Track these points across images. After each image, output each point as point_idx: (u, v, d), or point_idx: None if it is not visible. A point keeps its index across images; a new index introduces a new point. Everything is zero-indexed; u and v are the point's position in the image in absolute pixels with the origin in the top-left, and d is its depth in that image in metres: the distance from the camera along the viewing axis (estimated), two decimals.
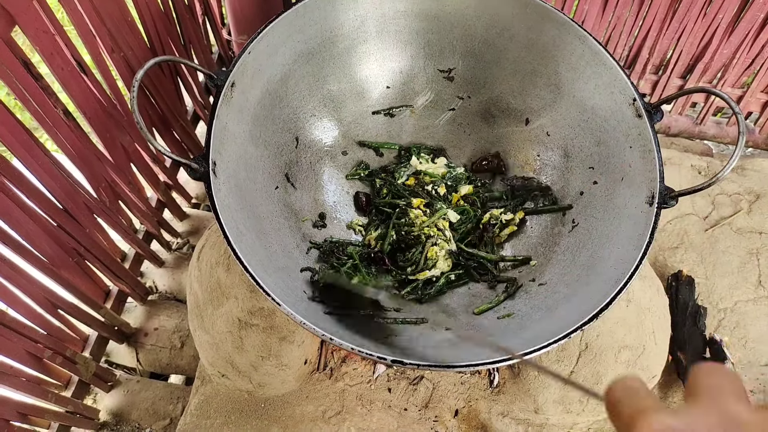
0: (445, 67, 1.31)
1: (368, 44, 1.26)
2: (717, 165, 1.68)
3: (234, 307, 1.14)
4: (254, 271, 0.90)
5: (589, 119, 1.17)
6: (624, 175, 1.09)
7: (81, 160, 1.22)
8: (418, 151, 1.33)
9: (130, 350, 1.51)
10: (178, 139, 1.60)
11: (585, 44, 1.13)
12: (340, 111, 1.29)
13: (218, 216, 0.92)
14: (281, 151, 1.20)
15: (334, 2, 1.16)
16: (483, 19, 1.21)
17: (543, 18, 1.15)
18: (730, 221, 1.54)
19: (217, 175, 0.97)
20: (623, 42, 1.74)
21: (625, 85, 1.08)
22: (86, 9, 1.13)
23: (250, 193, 1.08)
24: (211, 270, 1.17)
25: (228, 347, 1.18)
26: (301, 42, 1.17)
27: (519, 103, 1.28)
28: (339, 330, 0.96)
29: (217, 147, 0.99)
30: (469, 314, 1.12)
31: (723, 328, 1.41)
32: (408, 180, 1.31)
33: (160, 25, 1.39)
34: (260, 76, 1.11)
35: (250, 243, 0.99)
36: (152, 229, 1.56)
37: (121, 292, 1.48)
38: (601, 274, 1.00)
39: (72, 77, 1.14)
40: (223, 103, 1.02)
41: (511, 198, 1.29)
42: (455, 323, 1.08)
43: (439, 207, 1.26)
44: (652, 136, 1.04)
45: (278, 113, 1.18)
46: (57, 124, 1.13)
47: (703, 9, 1.60)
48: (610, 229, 1.07)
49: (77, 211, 1.23)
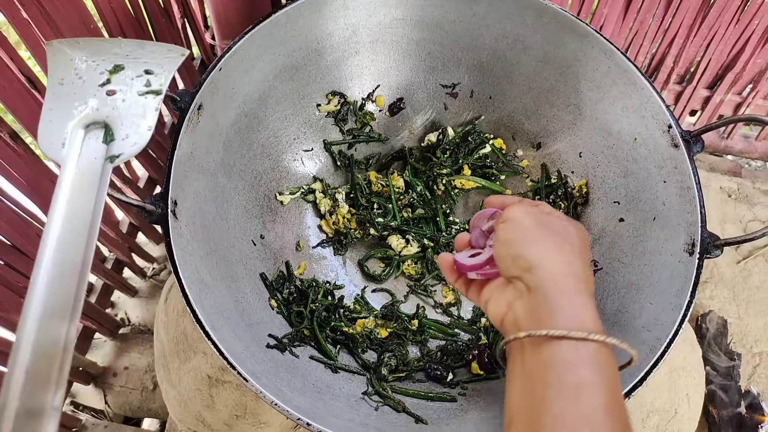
0: (448, 82, 1.15)
1: (360, 56, 1.10)
2: (748, 186, 1.53)
3: (203, 363, 0.99)
4: (221, 337, 0.75)
5: (614, 146, 1.02)
6: (656, 215, 0.93)
7: (32, 187, 1.07)
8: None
9: (98, 392, 1.37)
10: (153, 155, 1.45)
11: (612, 60, 0.97)
12: (328, 133, 1.14)
13: (176, 271, 0.77)
14: (259, 180, 1.04)
15: (321, 9, 1.00)
16: (492, 28, 1.06)
17: (562, 28, 1.00)
18: (765, 252, 1.38)
19: (178, 216, 0.82)
20: (645, 49, 1.58)
21: (659, 108, 0.93)
22: (34, 17, 0.97)
23: (220, 233, 0.93)
24: (177, 318, 1.02)
25: (197, 405, 1.03)
26: (282, 55, 1.01)
27: (533, 124, 1.13)
28: (319, 404, 0.81)
29: (179, 182, 0.84)
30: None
31: (758, 375, 1.26)
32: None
33: (130, 32, 1.24)
34: (234, 95, 0.96)
35: (218, 297, 0.84)
36: (123, 257, 1.41)
37: (86, 328, 1.33)
38: (632, 337, 0.85)
39: (18, 95, 0.98)
40: (187, 129, 0.86)
41: None
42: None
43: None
44: (692, 170, 0.88)
45: (255, 137, 1.03)
46: (0, 150, 0.98)
47: (736, 14, 1.43)
48: (640, 278, 0.92)
49: (29, 246, 1.08)
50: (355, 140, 1.15)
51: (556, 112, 1.08)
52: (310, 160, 1.12)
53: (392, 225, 1.11)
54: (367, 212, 1.10)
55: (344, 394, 0.88)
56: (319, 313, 0.98)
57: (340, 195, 1.11)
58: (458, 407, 0.90)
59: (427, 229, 1.14)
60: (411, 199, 1.13)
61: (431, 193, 1.15)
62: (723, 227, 1.42)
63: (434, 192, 1.14)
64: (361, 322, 1.02)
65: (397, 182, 1.13)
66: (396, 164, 1.19)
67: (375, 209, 1.11)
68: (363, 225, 1.11)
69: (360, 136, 1.16)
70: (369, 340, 1.01)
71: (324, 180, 1.13)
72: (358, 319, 1.03)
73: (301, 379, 0.85)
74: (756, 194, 1.51)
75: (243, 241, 0.98)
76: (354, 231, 1.10)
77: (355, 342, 1.00)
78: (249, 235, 1.00)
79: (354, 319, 1.03)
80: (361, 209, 1.11)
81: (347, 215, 1.10)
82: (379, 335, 1.02)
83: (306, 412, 0.72)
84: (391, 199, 1.11)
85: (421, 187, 1.14)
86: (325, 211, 1.10)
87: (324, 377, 0.90)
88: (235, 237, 0.97)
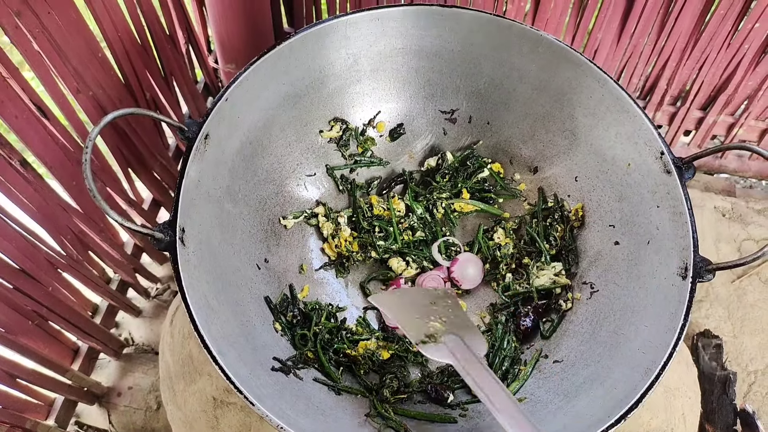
0: (447, 108, 1.18)
1: (362, 84, 1.13)
2: (742, 206, 1.56)
3: (208, 385, 1.01)
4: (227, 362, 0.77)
5: (609, 171, 1.04)
6: (650, 239, 0.96)
7: (41, 213, 1.09)
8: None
9: (102, 411, 1.39)
10: (158, 178, 1.48)
11: (605, 87, 1.00)
12: (330, 158, 1.16)
13: (185, 298, 0.79)
14: (263, 206, 1.07)
15: (323, 40, 1.03)
16: (490, 57, 1.09)
17: (556, 58, 1.03)
18: (759, 271, 1.41)
19: (185, 243, 0.85)
20: (639, 71, 1.62)
21: (651, 135, 0.96)
22: (45, 49, 1.01)
23: (225, 258, 0.95)
24: (183, 341, 1.04)
25: (202, 426, 1.05)
26: (286, 84, 1.04)
27: (530, 149, 1.15)
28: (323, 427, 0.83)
29: (187, 210, 0.87)
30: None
31: (754, 393, 1.28)
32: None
33: (136, 59, 1.27)
34: (239, 124, 0.99)
35: (224, 321, 0.86)
36: (128, 278, 1.43)
37: (91, 349, 1.35)
38: (628, 358, 0.87)
39: (29, 124, 1.01)
40: (195, 159, 0.89)
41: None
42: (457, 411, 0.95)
43: None
44: (684, 196, 0.91)
45: (260, 163, 1.06)
46: (10, 177, 1.00)
47: (728, 38, 1.47)
48: (635, 301, 0.94)
49: (37, 270, 1.10)
50: (356, 165, 1.18)
51: (552, 138, 1.11)
52: (313, 185, 1.15)
53: (393, 248, 1.13)
54: (368, 235, 1.12)
55: (347, 415, 0.90)
56: (323, 336, 1.00)
57: (342, 219, 1.14)
58: (459, 428, 0.92)
59: (426, 251, 1.16)
60: (411, 223, 1.15)
61: (431, 216, 1.17)
62: (717, 246, 1.45)
63: (434, 215, 1.17)
64: (363, 344, 1.04)
65: (398, 206, 1.16)
66: (397, 188, 1.21)
67: (376, 232, 1.14)
68: (365, 248, 1.13)
69: (361, 161, 1.18)
70: (371, 361, 1.03)
71: (326, 204, 1.15)
72: (360, 341, 1.05)
73: (305, 401, 0.87)
74: (750, 213, 1.54)
75: (248, 266, 1.01)
76: (356, 254, 1.12)
77: (358, 364, 1.02)
78: (254, 260, 1.02)
79: (356, 341, 1.05)
80: (362, 233, 1.13)
81: (349, 238, 1.13)
82: (380, 357, 1.04)
83: None
84: (392, 222, 1.14)
85: (422, 210, 1.16)
86: (327, 234, 1.13)
87: (327, 399, 0.92)
88: (240, 261, 0.99)
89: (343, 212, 1.15)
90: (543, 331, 1.04)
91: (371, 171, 1.21)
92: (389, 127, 1.19)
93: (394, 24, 1.06)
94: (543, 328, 1.05)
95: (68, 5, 1.04)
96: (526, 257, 1.12)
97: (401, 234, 1.14)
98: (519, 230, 1.17)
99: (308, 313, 1.03)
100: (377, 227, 1.13)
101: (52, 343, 1.22)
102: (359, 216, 1.14)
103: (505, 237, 1.14)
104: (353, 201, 1.16)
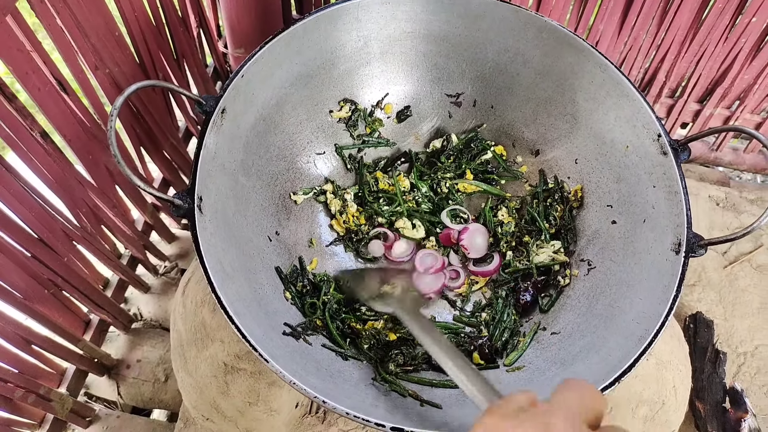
0: (453, 92, 1.22)
1: (371, 66, 1.17)
2: (735, 196, 1.60)
3: (219, 351, 1.05)
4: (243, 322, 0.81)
5: (608, 153, 1.09)
6: (646, 217, 1.00)
7: (59, 184, 1.13)
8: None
9: (111, 383, 1.42)
10: (168, 158, 1.51)
11: (606, 73, 1.04)
12: (339, 138, 1.20)
13: (203, 261, 0.83)
14: (275, 180, 1.11)
15: (336, 22, 1.07)
16: (495, 42, 1.13)
17: (560, 44, 1.07)
18: (750, 258, 1.46)
19: (203, 211, 0.88)
20: (639, 64, 1.66)
21: (649, 118, 1.00)
22: (67, 24, 1.04)
23: (239, 229, 0.99)
24: (195, 309, 1.08)
25: (212, 392, 1.08)
26: (299, 64, 1.08)
27: (532, 133, 1.20)
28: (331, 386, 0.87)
29: (204, 180, 0.91)
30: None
31: (743, 374, 1.33)
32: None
33: (151, 39, 1.31)
34: (254, 100, 1.03)
35: (239, 287, 0.90)
36: (138, 254, 1.47)
37: (102, 321, 1.39)
38: (622, 329, 0.91)
39: (50, 97, 1.05)
40: (212, 131, 0.93)
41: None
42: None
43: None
44: (679, 176, 0.95)
45: (272, 140, 1.10)
46: (32, 147, 1.04)
47: (725, 32, 1.51)
48: (630, 276, 0.98)
49: (54, 240, 1.14)
50: (364, 145, 1.22)
51: (554, 121, 1.15)
52: (323, 163, 1.19)
53: (398, 210, 1.17)
54: (374, 204, 1.16)
55: (354, 378, 0.94)
56: (331, 306, 1.04)
57: (349, 195, 1.18)
58: (460, 392, 0.96)
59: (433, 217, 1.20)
60: (416, 197, 1.19)
61: (435, 195, 1.21)
62: (711, 233, 1.49)
63: (438, 194, 1.21)
64: (370, 323, 1.08)
65: (403, 183, 1.20)
66: (402, 167, 1.25)
67: (381, 202, 1.18)
68: (371, 219, 1.17)
69: (369, 141, 1.22)
70: (375, 339, 1.06)
71: (335, 182, 1.19)
72: (369, 320, 1.09)
73: (314, 364, 0.91)
74: (743, 203, 1.58)
75: (260, 237, 1.05)
76: (363, 227, 1.16)
77: (361, 338, 1.05)
78: (265, 231, 1.06)
79: (365, 320, 1.09)
80: (367, 203, 1.17)
81: (356, 213, 1.17)
82: (387, 338, 1.07)
83: (321, 391, 0.78)
84: (397, 194, 1.18)
85: (426, 188, 1.21)
86: (335, 210, 1.17)
87: (335, 363, 0.96)
88: (252, 232, 1.03)
89: (350, 189, 1.19)
90: (542, 305, 1.09)
91: (378, 151, 1.25)
92: (396, 109, 1.23)
93: (405, 8, 1.10)
94: (542, 303, 1.09)
95: None
96: (526, 236, 1.16)
97: (405, 203, 1.18)
98: (521, 210, 1.21)
99: (317, 284, 1.07)
100: (382, 199, 1.18)
101: (66, 313, 1.25)
102: (365, 190, 1.18)
103: (508, 216, 1.18)
104: (360, 177, 1.20)
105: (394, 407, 0.88)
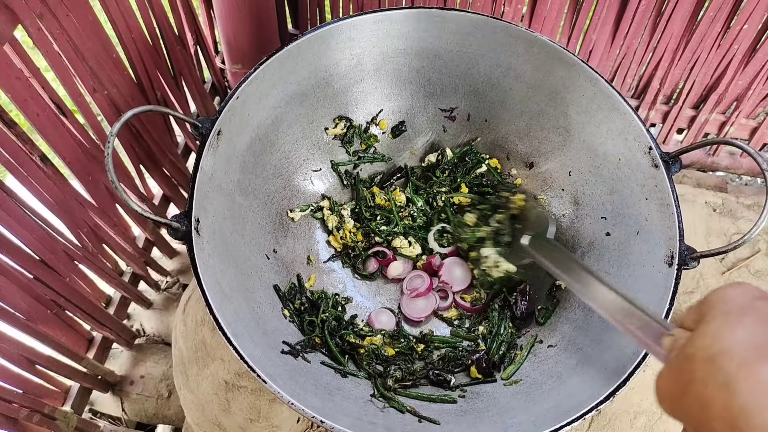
0: (447, 107, 1.23)
1: (365, 83, 1.18)
2: (732, 202, 1.60)
3: (220, 369, 1.06)
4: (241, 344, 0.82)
5: (600, 166, 1.10)
6: (639, 229, 1.01)
7: (59, 206, 1.14)
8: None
9: (115, 399, 1.44)
10: (168, 174, 1.53)
11: (596, 87, 1.05)
12: (335, 154, 1.22)
13: (201, 284, 0.84)
14: (272, 199, 1.12)
15: (329, 41, 1.09)
16: (487, 57, 1.14)
17: (551, 58, 1.08)
18: (748, 263, 1.46)
19: (200, 233, 0.90)
20: (633, 72, 1.67)
21: (640, 131, 1.01)
22: (65, 49, 1.06)
23: (237, 248, 1.01)
24: (196, 328, 1.10)
25: (214, 409, 1.10)
26: (293, 83, 1.10)
27: (526, 146, 1.21)
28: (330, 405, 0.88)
29: (201, 202, 0.92)
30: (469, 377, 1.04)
31: None
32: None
33: (148, 59, 1.32)
34: (249, 121, 1.04)
35: (237, 306, 0.92)
36: (139, 271, 1.48)
37: (105, 338, 1.40)
38: (618, 342, 0.92)
39: (49, 122, 1.07)
40: (208, 154, 0.95)
41: None
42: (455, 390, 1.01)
43: None
44: (671, 189, 0.96)
45: (268, 159, 1.11)
46: (32, 171, 1.05)
47: (718, 39, 1.52)
48: (626, 288, 0.99)
49: (55, 261, 1.15)
50: (360, 161, 1.24)
51: (547, 135, 1.17)
52: (319, 180, 1.21)
53: (395, 231, 1.19)
54: (371, 223, 1.18)
55: (353, 396, 0.95)
56: (329, 323, 1.05)
57: (346, 211, 1.19)
58: (458, 408, 0.97)
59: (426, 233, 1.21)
60: (411, 212, 1.21)
61: (431, 208, 1.23)
62: (708, 240, 1.50)
63: (434, 208, 1.22)
64: (369, 339, 1.09)
65: (399, 197, 1.21)
66: (398, 182, 1.27)
67: (378, 220, 1.19)
68: (368, 236, 1.18)
69: (365, 157, 1.24)
70: (375, 355, 1.07)
71: (331, 198, 1.21)
72: (366, 336, 1.10)
73: (313, 382, 0.92)
74: (740, 208, 1.59)
75: (258, 255, 1.06)
76: (360, 243, 1.17)
77: (360, 355, 1.06)
78: (263, 250, 1.08)
79: (363, 335, 1.10)
80: (365, 222, 1.19)
81: (353, 229, 1.18)
82: (385, 353, 1.09)
83: (319, 411, 0.79)
84: (393, 211, 1.19)
85: (422, 203, 1.22)
86: (332, 227, 1.18)
87: (334, 381, 0.97)
88: (250, 251, 1.04)
89: (346, 205, 1.20)
90: (538, 317, 1.10)
91: (374, 167, 1.26)
92: (391, 125, 1.25)
93: (396, 26, 1.11)
94: (538, 315, 1.10)
95: (86, 8, 1.09)
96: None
97: (401, 220, 1.19)
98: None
99: (315, 302, 1.09)
100: (379, 216, 1.19)
101: (69, 332, 1.27)
102: (362, 206, 1.19)
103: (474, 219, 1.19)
104: (356, 193, 1.22)
105: (393, 424, 0.89)
